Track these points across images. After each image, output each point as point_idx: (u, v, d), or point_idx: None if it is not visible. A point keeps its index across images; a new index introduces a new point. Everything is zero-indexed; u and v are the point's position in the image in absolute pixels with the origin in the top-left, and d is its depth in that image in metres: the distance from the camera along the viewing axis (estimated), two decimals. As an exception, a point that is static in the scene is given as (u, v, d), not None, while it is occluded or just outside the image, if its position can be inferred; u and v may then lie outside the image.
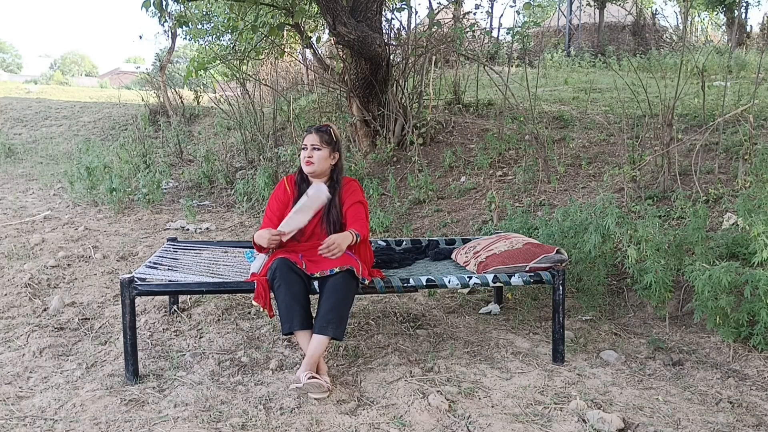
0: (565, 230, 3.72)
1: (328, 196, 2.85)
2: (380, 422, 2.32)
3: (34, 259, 4.48)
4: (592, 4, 17.29)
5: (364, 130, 6.87)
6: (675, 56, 11.86)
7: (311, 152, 2.94)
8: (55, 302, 3.52)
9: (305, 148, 2.97)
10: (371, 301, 3.69)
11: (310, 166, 2.96)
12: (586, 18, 18.05)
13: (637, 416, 2.41)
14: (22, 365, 2.79)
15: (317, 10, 6.95)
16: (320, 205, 2.85)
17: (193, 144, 9.47)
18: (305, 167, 2.98)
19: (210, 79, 10.95)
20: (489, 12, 15.75)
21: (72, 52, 61.27)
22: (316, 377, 2.43)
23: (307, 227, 2.90)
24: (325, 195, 2.83)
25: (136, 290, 2.63)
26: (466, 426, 2.32)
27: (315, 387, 2.41)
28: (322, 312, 2.60)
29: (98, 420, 2.31)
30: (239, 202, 6.43)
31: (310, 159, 2.95)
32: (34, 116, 12.83)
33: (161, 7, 5.67)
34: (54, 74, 39.02)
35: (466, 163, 6.23)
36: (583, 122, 7.21)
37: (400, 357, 2.92)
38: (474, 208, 5.31)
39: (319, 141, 2.95)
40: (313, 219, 2.90)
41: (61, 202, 6.73)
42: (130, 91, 15.75)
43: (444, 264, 3.36)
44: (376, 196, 5.78)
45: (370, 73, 6.29)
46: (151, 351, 2.97)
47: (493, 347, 3.07)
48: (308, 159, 2.95)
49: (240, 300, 3.64)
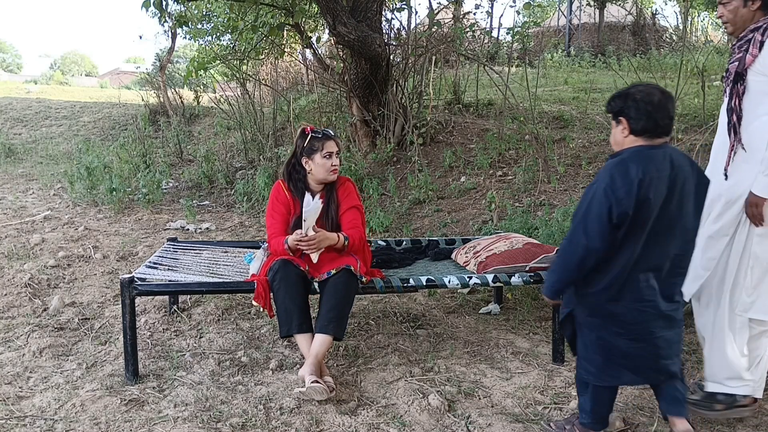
0: (565, 230, 3.72)
1: (320, 205, 2.75)
2: (380, 422, 2.33)
3: (34, 259, 4.48)
4: (592, 4, 17.29)
5: (364, 130, 6.87)
6: (675, 56, 11.86)
7: (336, 159, 2.88)
8: (55, 302, 3.52)
9: (330, 156, 2.86)
10: (371, 301, 3.69)
11: (336, 174, 2.91)
12: (586, 18, 18.05)
13: (637, 416, 2.41)
14: (22, 365, 2.79)
15: (317, 10, 6.95)
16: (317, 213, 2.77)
17: (193, 144, 9.47)
18: (331, 176, 2.89)
19: (210, 79, 10.93)
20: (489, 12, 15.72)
21: (72, 52, 61.29)
22: (320, 382, 2.40)
23: None
24: (319, 205, 2.73)
25: (136, 290, 2.63)
26: (466, 426, 2.32)
27: (318, 392, 2.38)
28: (323, 311, 2.60)
29: (98, 420, 2.31)
30: (239, 202, 6.43)
31: (336, 166, 2.89)
32: (34, 116, 12.83)
33: (161, 7, 5.67)
34: (54, 74, 39.04)
35: (466, 163, 6.23)
36: (583, 122, 7.21)
37: (400, 357, 2.92)
38: (474, 208, 5.31)
39: (339, 147, 2.90)
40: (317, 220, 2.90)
41: (61, 202, 6.73)
42: (130, 91, 15.74)
43: (444, 264, 3.36)
44: (376, 196, 5.78)
45: (370, 73, 6.29)
46: (151, 351, 2.97)
47: (493, 347, 3.07)
48: (335, 167, 2.89)
49: (240, 300, 3.64)
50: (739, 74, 2.22)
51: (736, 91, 2.24)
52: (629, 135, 1.99)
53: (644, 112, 1.95)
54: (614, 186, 1.88)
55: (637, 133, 1.97)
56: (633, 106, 1.96)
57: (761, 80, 2.17)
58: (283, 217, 2.91)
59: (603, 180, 1.92)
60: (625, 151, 1.99)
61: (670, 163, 1.94)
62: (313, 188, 2.95)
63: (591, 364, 2.09)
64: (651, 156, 1.93)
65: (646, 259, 1.95)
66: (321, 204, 2.74)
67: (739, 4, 2.22)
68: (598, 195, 1.91)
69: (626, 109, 1.98)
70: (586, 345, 2.10)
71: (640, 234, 1.92)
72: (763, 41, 2.14)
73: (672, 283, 2.02)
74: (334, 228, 2.89)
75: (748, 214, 2.23)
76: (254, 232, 5.36)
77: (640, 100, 1.95)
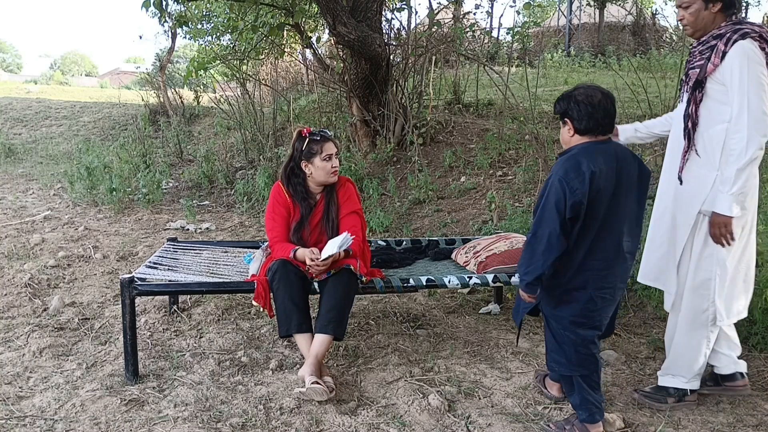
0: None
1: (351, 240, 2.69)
2: (380, 422, 2.33)
3: (34, 259, 4.48)
4: (592, 4, 17.28)
5: (364, 130, 6.87)
6: (675, 56, 11.85)
7: (336, 161, 2.85)
8: (55, 302, 3.52)
9: (329, 158, 2.82)
10: (371, 301, 3.69)
11: (336, 176, 2.88)
12: (586, 18, 18.05)
13: (637, 416, 2.41)
14: (22, 365, 2.79)
15: (317, 10, 6.95)
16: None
17: (193, 144, 9.46)
18: (332, 177, 2.86)
19: (210, 79, 10.93)
20: (489, 12, 15.75)
21: (72, 52, 61.29)
22: (320, 383, 2.40)
23: (309, 228, 2.90)
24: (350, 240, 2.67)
25: (136, 290, 2.63)
26: (466, 426, 2.32)
27: (318, 393, 2.38)
28: (323, 311, 2.60)
29: (98, 420, 2.31)
30: (239, 202, 6.43)
31: (337, 168, 2.86)
32: (34, 116, 12.82)
33: (161, 7, 5.66)
34: (54, 74, 39.02)
35: (466, 163, 6.22)
36: (583, 122, 7.19)
37: (400, 357, 2.92)
38: (474, 208, 5.31)
39: (337, 148, 2.88)
40: (314, 221, 2.90)
41: (61, 202, 6.73)
42: (130, 91, 15.73)
43: (444, 264, 3.36)
44: (376, 196, 5.78)
45: (370, 73, 6.29)
46: (151, 351, 2.97)
47: (493, 347, 3.07)
48: (335, 168, 2.85)
49: (240, 300, 3.64)
50: (699, 81, 2.25)
51: (695, 98, 2.28)
52: (575, 134, 2.15)
53: (586, 113, 2.10)
54: (568, 178, 2.04)
55: (582, 132, 2.14)
56: (575, 108, 2.12)
57: (720, 89, 2.21)
58: (285, 220, 2.88)
59: (557, 174, 2.07)
60: (573, 147, 2.15)
61: (616, 157, 2.11)
62: (312, 191, 2.92)
63: (561, 356, 2.22)
64: (598, 151, 2.10)
65: (602, 248, 2.12)
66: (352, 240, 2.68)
67: (700, 6, 2.25)
68: (555, 187, 2.05)
69: (570, 111, 2.14)
70: (555, 338, 2.24)
71: (595, 224, 2.09)
72: (726, 51, 2.17)
73: (624, 269, 2.19)
74: (334, 230, 2.88)
75: (714, 235, 2.24)
76: (254, 232, 5.36)
77: (582, 102, 2.11)
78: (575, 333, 2.18)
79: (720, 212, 2.20)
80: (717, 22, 2.26)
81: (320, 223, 2.90)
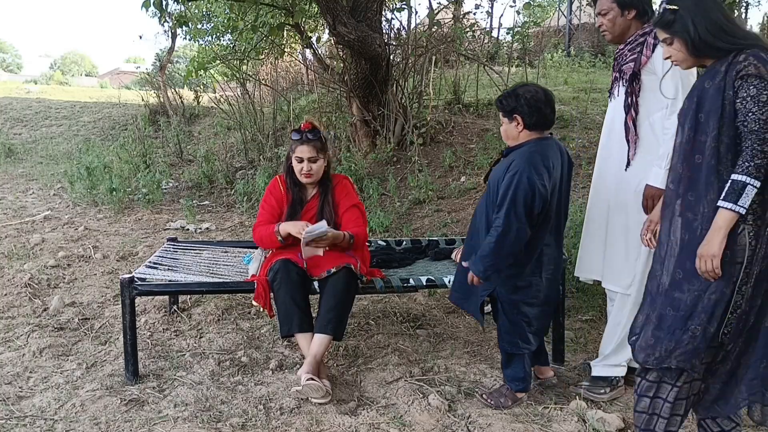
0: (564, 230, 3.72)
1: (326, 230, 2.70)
2: (380, 422, 2.33)
3: (34, 259, 4.48)
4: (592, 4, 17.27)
5: (364, 130, 6.87)
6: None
7: (308, 165, 2.83)
8: (55, 302, 3.52)
9: (300, 161, 2.83)
10: (371, 301, 3.69)
11: (310, 179, 2.88)
12: (586, 18, 18.03)
13: (637, 416, 2.41)
14: (22, 365, 2.79)
15: (317, 10, 6.95)
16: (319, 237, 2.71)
17: (193, 144, 9.46)
18: (304, 179, 2.88)
19: (210, 79, 10.92)
20: (489, 12, 15.69)
21: (72, 52, 61.28)
22: (315, 380, 2.41)
23: None
24: (324, 230, 2.68)
25: (136, 290, 2.63)
26: (466, 426, 2.32)
27: (314, 390, 2.39)
28: (323, 311, 2.60)
29: (98, 420, 2.31)
30: (239, 202, 6.43)
31: (310, 172, 2.85)
32: (34, 116, 12.82)
33: (161, 7, 5.66)
34: (54, 74, 39.01)
35: (466, 163, 6.23)
36: (583, 122, 7.20)
37: (400, 357, 2.92)
38: (474, 208, 5.30)
39: (315, 152, 2.83)
40: (306, 216, 2.89)
41: (61, 202, 6.73)
42: (130, 91, 15.70)
43: (444, 264, 3.36)
44: (376, 196, 5.78)
45: (370, 73, 6.29)
46: (151, 351, 2.97)
47: (493, 347, 3.07)
48: (308, 173, 2.84)
49: (240, 300, 3.64)
50: (634, 74, 2.41)
51: (633, 90, 2.43)
52: (524, 129, 2.31)
53: (535, 109, 2.28)
54: (535, 175, 2.18)
55: (531, 127, 2.30)
56: (525, 104, 2.28)
57: (653, 79, 2.36)
58: (273, 209, 2.93)
59: (524, 171, 2.19)
60: (527, 143, 2.30)
61: (560, 151, 2.34)
62: (306, 185, 2.95)
63: (515, 336, 2.38)
64: (549, 146, 2.30)
65: (555, 236, 2.37)
66: (327, 232, 2.67)
67: (617, 14, 2.45)
68: (523, 185, 2.18)
69: (519, 107, 2.29)
70: (510, 320, 2.39)
71: (551, 214, 2.30)
72: (655, 44, 2.33)
73: (561, 254, 2.46)
74: (331, 226, 2.88)
75: (645, 205, 2.36)
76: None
77: (530, 99, 2.27)
78: (528, 314, 2.38)
79: (653, 184, 2.32)
80: (633, 28, 2.45)
81: (314, 219, 2.90)
